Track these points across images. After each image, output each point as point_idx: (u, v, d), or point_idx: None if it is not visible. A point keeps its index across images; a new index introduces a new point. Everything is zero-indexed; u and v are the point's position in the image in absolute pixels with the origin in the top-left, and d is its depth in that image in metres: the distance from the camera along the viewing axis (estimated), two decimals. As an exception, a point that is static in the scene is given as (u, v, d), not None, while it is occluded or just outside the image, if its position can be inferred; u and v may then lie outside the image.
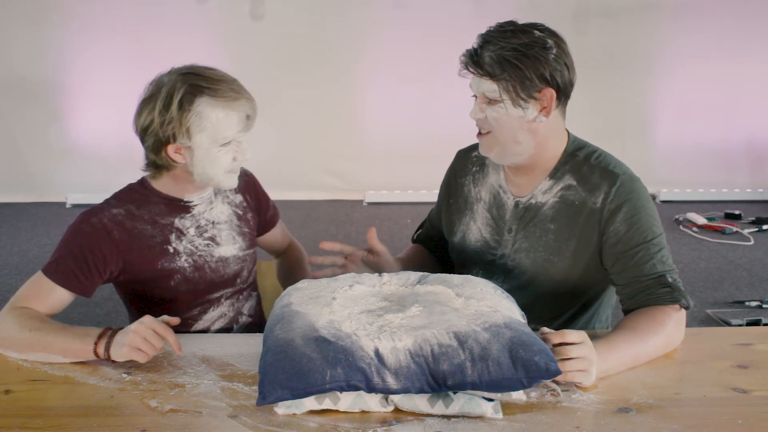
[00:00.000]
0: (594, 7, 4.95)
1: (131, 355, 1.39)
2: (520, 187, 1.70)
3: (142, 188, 1.72)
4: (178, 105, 1.55)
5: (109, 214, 1.65)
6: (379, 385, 1.24)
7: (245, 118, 1.61)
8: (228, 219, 1.78)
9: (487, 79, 1.56)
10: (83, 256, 1.60)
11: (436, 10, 4.94)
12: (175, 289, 1.71)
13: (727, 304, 3.57)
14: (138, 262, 1.66)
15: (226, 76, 1.62)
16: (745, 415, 1.27)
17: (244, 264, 1.80)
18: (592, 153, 1.66)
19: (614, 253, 1.58)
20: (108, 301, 3.44)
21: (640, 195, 1.60)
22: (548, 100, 1.56)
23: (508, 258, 1.70)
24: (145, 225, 1.67)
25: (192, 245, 1.72)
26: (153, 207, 1.70)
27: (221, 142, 1.59)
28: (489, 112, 1.58)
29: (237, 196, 1.82)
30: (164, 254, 1.68)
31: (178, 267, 1.70)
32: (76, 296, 1.62)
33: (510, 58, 1.52)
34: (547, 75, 1.54)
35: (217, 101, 1.57)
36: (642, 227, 1.57)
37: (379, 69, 5.08)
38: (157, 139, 1.59)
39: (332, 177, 5.27)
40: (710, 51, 5.05)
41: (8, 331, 1.48)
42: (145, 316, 1.42)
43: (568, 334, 1.34)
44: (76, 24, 4.91)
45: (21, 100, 5.03)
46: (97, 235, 1.62)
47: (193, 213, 1.73)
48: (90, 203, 1.71)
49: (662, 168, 5.19)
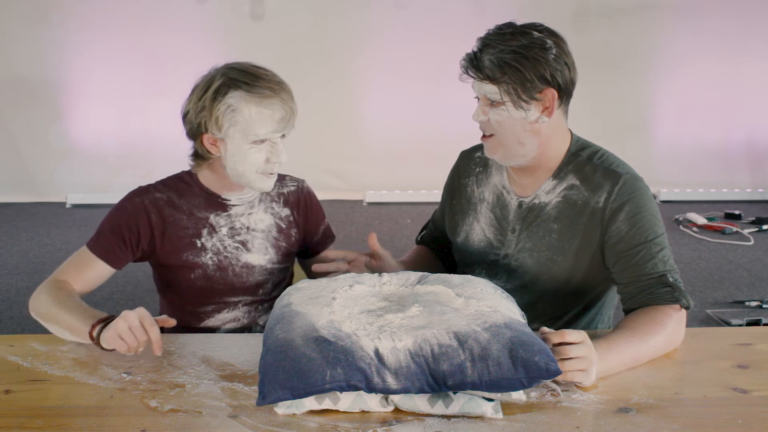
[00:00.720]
0: (594, 7, 4.95)
1: (113, 343, 1.40)
2: (524, 188, 1.70)
3: (188, 178, 1.75)
4: (212, 95, 1.59)
5: (152, 198, 1.71)
6: (379, 385, 1.24)
7: (280, 119, 1.61)
8: (267, 228, 1.77)
9: (487, 82, 1.56)
10: (121, 231, 1.68)
11: (436, 10, 4.94)
12: (193, 282, 1.73)
13: (727, 304, 3.57)
14: (166, 248, 1.70)
15: (269, 75, 1.63)
16: (745, 415, 1.27)
17: (270, 277, 1.79)
18: (595, 153, 1.66)
19: (616, 252, 1.59)
20: (108, 301, 3.44)
21: (642, 194, 1.60)
22: (550, 101, 1.56)
23: (512, 258, 1.70)
24: (182, 215, 1.71)
25: (221, 244, 1.72)
26: (193, 199, 1.73)
27: (252, 139, 1.60)
28: (491, 114, 1.58)
29: (284, 209, 1.81)
30: (192, 247, 1.71)
31: (202, 262, 1.72)
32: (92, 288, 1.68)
33: (510, 60, 1.53)
34: (548, 75, 1.54)
35: (252, 97, 1.58)
36: (644, 226, 1.57)
37: (379, 69, 5.08)
38: (191, 127, 1.64)
39: (332, 177, 5.27)
40: (710, 51, 5.05)
41: (38, 301, 1.58)
42: (139, 308, 1.43)
43: (567, 334, 1.34)
44: (76, 24, 4.92)
45: (21, 100, 5.03)
46: (136, 213, 1.69)
47: (229, 213, 1.74)
48: (90, 203, 1.75)
49: (662, 168, 5.19)
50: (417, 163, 5.06)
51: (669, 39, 5.04)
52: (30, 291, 1.64)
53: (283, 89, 1.63)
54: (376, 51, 5.05)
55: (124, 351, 1.40)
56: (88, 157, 5.12)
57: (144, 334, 1.40)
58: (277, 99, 1.60)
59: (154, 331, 1.40)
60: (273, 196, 1.80)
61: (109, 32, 4.91)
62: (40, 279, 1.67)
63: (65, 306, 1.53)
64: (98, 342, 1.44)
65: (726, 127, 5.28)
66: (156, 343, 1.40)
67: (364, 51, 5.06)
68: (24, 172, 5.18)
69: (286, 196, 1.82)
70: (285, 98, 1.62)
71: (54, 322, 1.52)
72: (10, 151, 5.12)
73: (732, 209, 4.96)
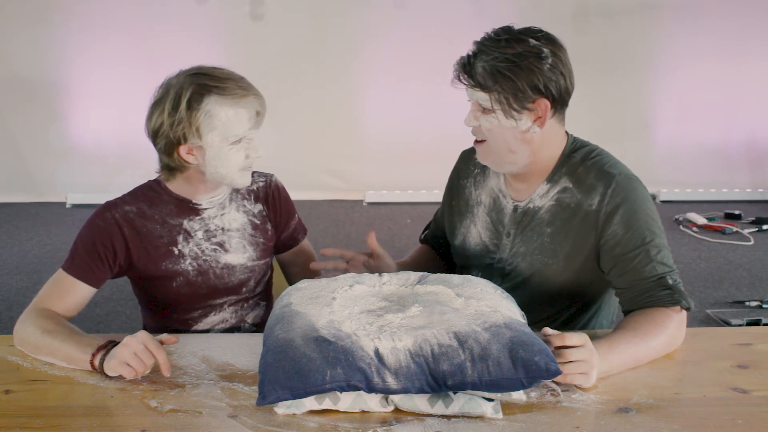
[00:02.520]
0: (594, 7, 4.94)
1: (119, 370, 1.36)
2: (519, 192, 1.69)
3: (157, 187, 1.73)
4: (186, 105, 1.56)
5: (122, 211, 1.67)
6: (379, 385, 1.24)
7: (255, 115, 1.62)
8: (241, 227, 1.76)
9: (478, 89, 1.54)
10: (95, 249, 1.64)
11: (436, 10, 4.93)
12: (176, 290, 1.71)
13: (727, 304, 3.56)
14: (144, 260, 1.67)
15: (233, 75, 1.62)
16: (745, 415, 1.27)
17: (251, 274, 1.79)
18: (589, 153, 1.64)
19: (613, 257, 1.56)
20: (108, 301, 3.44)
21: (637, 195, 1.57)
22: (543, 111, 1.54)
23: (506, 262, 1.70)
24: (155, 224, 1.68)
25: (198, 249, 1.71)
26: (164, 207, 1.70)
27: (232, 140, 1.60)
28: (482, 121, 1.57)
29: (256, 205, 1.80)
30: (169, 255, 1.69)
31: (182, 269, 1.70)
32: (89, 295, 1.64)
33: (503, 69, 1.50)
34: (541, 86, 1.51)
35: (225, 99, 1.57)
36: (640, 229, 1.55)
37: (379, 69, 5.08)
38: (168, 141, 1.59)
39: (332, 177, 5.27)
40: (710, 51, 5.04)
41: (25, 332, 1.51)
42: (140, 332, 1.39)
43: (568, 337, 1.33)
44: (76, 24, 4.91)
45: (21, 100, 5.02)
46: (108, 229, 1.65)
47: (202, 216, 1.72)
48: (90, 203, 1.74)
49: (662, 168, 5.19)
50: (417, 163, 5.06)
51: (669, 39, 5.04)
52: (30, 291, 1.63)
53: (250, 85, 1.63)
54: (376, 51, 5.05)
55: (132, 376, 1.37)
56: (88, 157, 5.12)
57: (151, 357, 1.37)
58: (250, 96, 1.60)
59: (160, 353, 1.37)
60: (243, 193, 1.78)
61: (109, 32, 4.90)
62: (40, 279, 1.66)
63: (58, 335, 1.47)
64: (102, 370, 1.40)
65: (726, 127, 5.27)
66: (164, 365, 1.37)
67: (364, 51, 5.05)
68: (24, 172, 5.18)
69: (256, 192, 1.80)
70: (255, 93, 1.62)
71: (47, 353, 1.46)
72: (10, 151, 5.12)
73: (732, 209, 4.96)
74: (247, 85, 1.61)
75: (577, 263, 1.62)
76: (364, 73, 5.12)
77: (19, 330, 1.53)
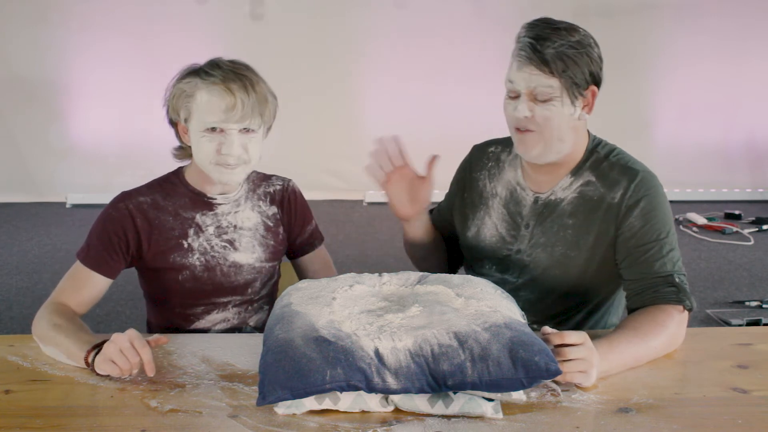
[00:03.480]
0: (594, 7, 4.94)
1: (104, 367, 1.35)
2: (540, 184, 1.70)
3: (175, 179, 1.75)
4: (175, 81, 1.63)
5: (136, 202, 1.69)
6: (379, 385, 1.24)
7: (226, 109, 1.58)
8: (254, 227, 1.76)
9: (547, 75, 1.54)
10: (109, 238, 1.66)
11: (436, 10, 4.93)
12: (181, 284, 1.71)
13: (727, 304, 3.57)
14: (152, 251, 1.69)
15: (234, 67, 1.63)
16: (745, 415, 1.27)
17: (258, 276, 1.78)
18: (611, 150, 1.69)
19: (627, 248, 1.59)
20: (108, 301, 3.43)
21: (658, 192, 1.62)
22: (591, 98, 1.60)
23: (524, 253, 1.70)
24: (167, 216, 1.70)
25: (208, 244, 1.72)
26: (179, 199, 1.72)
27: (203, 126, 1.60)
28: (538, 110, 1.57)
29: (271, 207, 1.80)
30: (179, 248, 1.70)
31: (189, 263, 1.70)
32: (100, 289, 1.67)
33: (571, 55, 1.54)
34: (595, 72, 1.58)
35: (204, 84, 1.59)
36: (657, 224, 1.59)
37: (379, 69, 5.08)
38: (169, 116, 1.67)
39: (332, 177, 5.27)
40: (710, 51, 5.04)
41: (39, 326, 1.54)
42: (129, 329, 1.38)
43: (567, 335, 1.34)
44: (76, 24, 4.91)
45: (21, 100, 5.03)
46: (122, 219, 1.67)
47: (215, 212, 1.73)
48: (90, 203, 1.74)
49: (662, 168, 5.12)
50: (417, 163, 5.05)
51: (669, 39, 5.04)
52: (30, 291, 1.64)
53: (238, 80, 1.59)
54: (376, 51, 5.05)
55: (117, 374, 1.35)
56: (88, 157, 5.12)
57: (136, 355, 1.34)
58: (222, 87, 1.58)
59: (145, 352, 1.34)
60: (260, 194, 1.79)
61: (109, 32, 4.90)
62: (40, 279, 1.66)
63: (64, 330, 1.48)
64: (93, 368, 1.39)
65: (726, 127, 5.27)
66: (148, 364, 1.34)
67: (364, 51, 5.05)
68: (24, 172, 5.18)
69: (272, 195, 1.81)
70: (234, 88, 1.58)
71: (53, 345, 1.48)
72: (10, 151, 5.12)
73: (732, 209, 4.96)
74: (231, 78, 1.59)
75: (599, 255, 1.63)
76: (364, 73, 5.12)
77: (34, 323, 1.56)
